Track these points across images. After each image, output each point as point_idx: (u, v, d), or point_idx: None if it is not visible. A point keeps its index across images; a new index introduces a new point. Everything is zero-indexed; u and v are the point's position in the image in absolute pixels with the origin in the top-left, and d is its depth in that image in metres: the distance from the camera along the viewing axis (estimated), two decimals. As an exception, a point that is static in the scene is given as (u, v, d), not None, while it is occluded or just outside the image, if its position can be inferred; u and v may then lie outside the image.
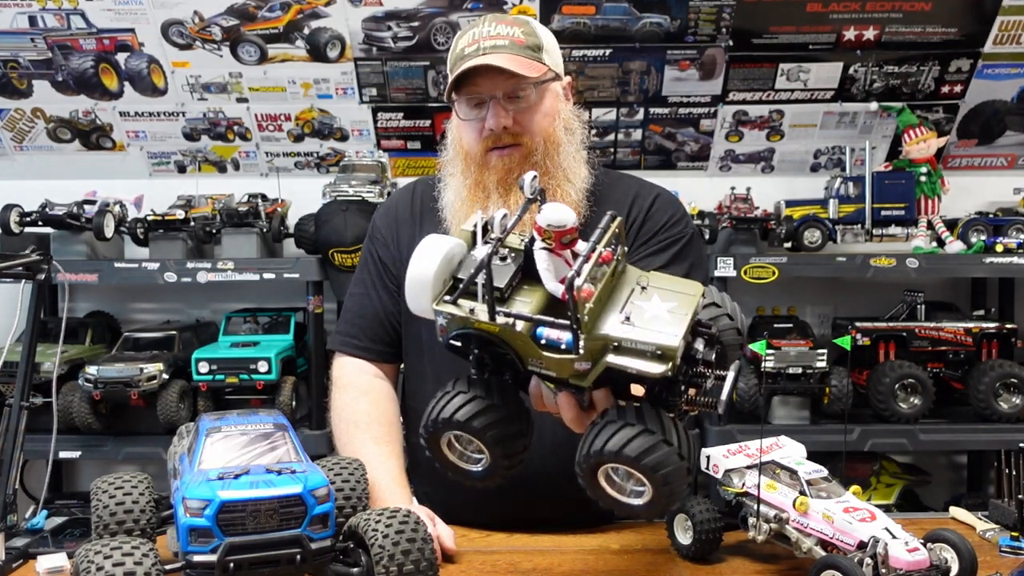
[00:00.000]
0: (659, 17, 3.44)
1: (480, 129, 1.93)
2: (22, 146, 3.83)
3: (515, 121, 1.90)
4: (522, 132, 1.92)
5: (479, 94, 1.90)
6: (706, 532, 1.60)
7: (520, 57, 1.86)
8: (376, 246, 2.13)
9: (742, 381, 3.24)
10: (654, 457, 1.17)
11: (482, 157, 1.93)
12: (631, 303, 1.25)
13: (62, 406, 3.10)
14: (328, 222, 3.26)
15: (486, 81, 1.88)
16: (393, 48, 3.51)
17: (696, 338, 1.26)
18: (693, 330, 1.25)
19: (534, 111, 1.92)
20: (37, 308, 1.84)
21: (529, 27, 1.93)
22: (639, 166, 3.87)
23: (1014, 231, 3.33)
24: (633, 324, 1.21)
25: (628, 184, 2.10)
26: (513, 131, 1.91)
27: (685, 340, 1.20)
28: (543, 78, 1.91)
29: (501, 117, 1.89)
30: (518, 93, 1.90)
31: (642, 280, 1.29)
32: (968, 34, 3.50)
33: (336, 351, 2.13)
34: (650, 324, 1.21)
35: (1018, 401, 3.21)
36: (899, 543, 1.36)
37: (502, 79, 1.87)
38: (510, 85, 1.88)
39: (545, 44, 1.94)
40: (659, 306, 1.23)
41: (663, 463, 1.17)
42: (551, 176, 1.92)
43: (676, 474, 1.18)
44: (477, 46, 1.88)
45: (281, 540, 1.24)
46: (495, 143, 1.92)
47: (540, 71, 1.90)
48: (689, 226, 2.07)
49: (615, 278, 1.29)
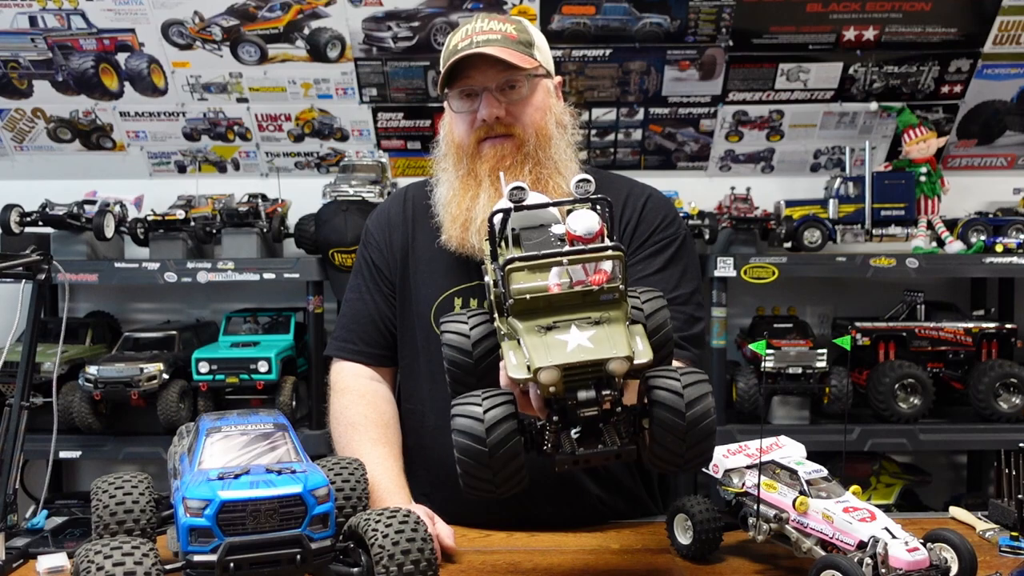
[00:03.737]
0: (659, 17, 3.44)
1: (472, 121, 1.94)
2: (22, 146, 3.83)
3: (507, 112, 1.92)
4: (514, 123, 1.93)
5: (471, 86, 1.92)
6: (706, 532, 1.60)
7: (511, 50, 1.88)
8: (370, 251, 2.14)
9: (742, 381, 3.23)
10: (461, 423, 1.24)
11: (474, 147, 1.95)
12: (568, 325, 1.26)
13: (62, 406, 3.10)
14: (328, 222, 3.26)
15: (479, 73, 1.90)
16: (393, 48, 3.51)
17: (588, 388, 1.24)
18: (597, 381, 1.24)
19: (526, 103, 1.94)
20: (37, 308, 1.84)
21: (521, 24, 1.97)
22: (639, 166, 3.87)
23: (1014, 231, 3.33)
24: (542, 335, 1.25)
25: (620, 185, 2.11)
26: (506, 121, 1.92)
27: (559, 375, 1.21)
28: (535, 71, 1.93)
29: (494, 107, 1.90)
30: (511, 84, 1.92)
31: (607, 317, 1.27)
32: (968, 34, 3.50)
33: (333, 356, 2.13)
34: (549, 343, 1.23)
35: (1018, 401, 3.21)
36: (899, 543, 1.36)
37: (494, 71, 1.89)
38: (503, 77, 1.90)
39: (536, 42, 1.97)
40: (577, 337, 1.24)
41: (464, 448, 1.24)
42: (542, 167, 1.93)
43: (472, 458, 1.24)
44: (470, 40, 1.90)
45: (281, 540, 1.24)
46: (487, 133, 1.93)
47: (532, 64, 1.91)
48: (682, 227, 2.08)
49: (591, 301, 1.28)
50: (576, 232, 1.27)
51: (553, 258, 1.26)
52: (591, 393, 1.23)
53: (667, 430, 1.24)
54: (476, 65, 1.89)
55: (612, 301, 1.28)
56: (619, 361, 1.21)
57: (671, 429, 1.24)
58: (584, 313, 1.27)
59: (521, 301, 1.27)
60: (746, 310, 3.67)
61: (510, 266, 1.26)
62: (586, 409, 1.24)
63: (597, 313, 1.27)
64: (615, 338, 1.23)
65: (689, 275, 2.02)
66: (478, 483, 1.26)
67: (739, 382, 3.25)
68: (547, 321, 1.26)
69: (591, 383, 1.24)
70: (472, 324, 1.38)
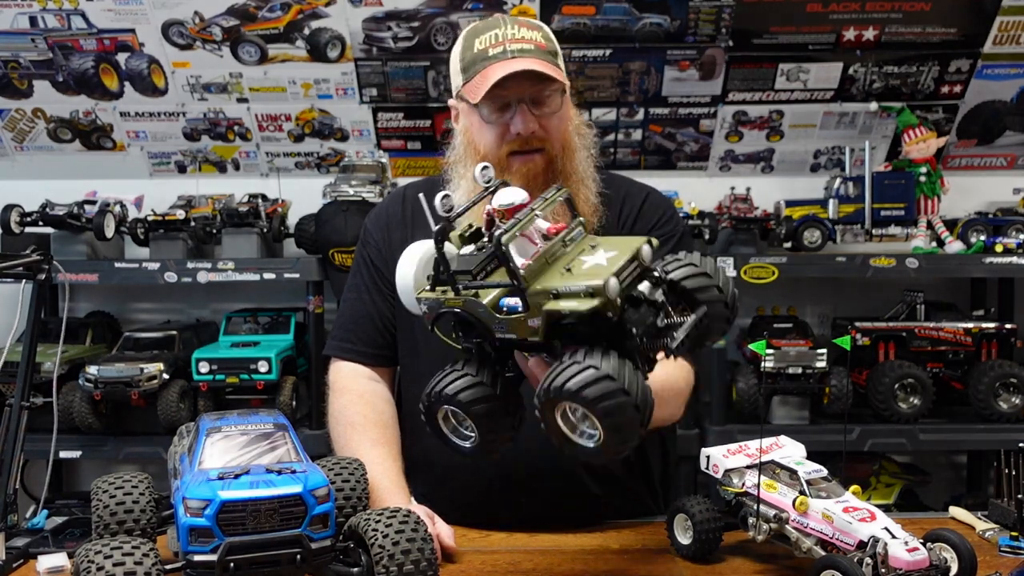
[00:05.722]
0: (659, 17, 3.44)
1: (503, 132, 1.90)
2: (23, 146, 3.84)
3: (540, 126, 1.90)
4: (546, 137, 1.91)
5: (504, 97, 1.88)
6: (706, 532, 1.60)
7: (546, 62, 1.86)
8: (369, 250, 2.13)
9: (742, 381, 3.24)
10: (594, 389, 1.18)
11: (504, 160, 1.91)
12: (576, 259, 1.31)
13: (62, 406, 3.10)
14: (328, 222, 3.26)
15: (515, 84, 1.85)
16: (393, 48, 3.51)
17: (642, 281, 1.30)
18: (641, 275, 1.30)
19: (557, 117, 1.92)
20: (37, 308, 1.84)
21: (546, 32, 1.94)
22: (639, 166, 3.88)
23: (1014, 231, 3.33)
24: (572, 273, 1.27)
25: (618, 184, 2.11)
26: (539, 135, 1.90)
27: (622, 281, 1.24)
28: (565, 85, 1.92)
29: (530, 122, 1.87)
30: (542, 98, 1.89)
31: (594, 241, 1.36)
32: (968, 34, 3.50)
33: (332, 356, 2.13)
34: (587, 271, 1.27)
35: (1018, 401, 3.21)
36: (899, 543, 1.36)
37: (528, 83, 1.85)
38: (537, 90, 1.87)
39: (559, 51, 1.95)
40: (600, 256, 1.29)
41: (604, 396, 1.18)
42: (570, 180, 1.92)
43: (619, 409, 1.18)
44: (503, 48, 1.85)
45: (281, 540, 1.24)
46: (520, 147, 1.90)
47: (562, 76, 1.90)
48: (680, 223, 2.09)
49: (568, 245, 1.36)
50: (515, 203, 1.36)
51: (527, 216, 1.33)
52: (647, 283, 1.29)
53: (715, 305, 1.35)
54: (511, 75, 1.84)
55: (582, 235, 1.38)
56: (646, 246, 1.30)
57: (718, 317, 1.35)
58: (576, 252, 1.34)
59: (529, 268, 1.28)
60: (746, 310, 3.67)
61: (504, 236, 1.27)
62: (655, 295, 1.29)
63: (583, 244, 1.35)
64: (619, 241, 1.32)
65: None
66: (631, 438, 1.24)
67: (739, 382, 3.25)
68: (560, 266, 1.30)
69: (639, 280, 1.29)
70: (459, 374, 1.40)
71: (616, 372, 1.19)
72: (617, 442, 1.22)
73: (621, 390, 1.18)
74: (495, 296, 1.33)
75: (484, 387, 1.37)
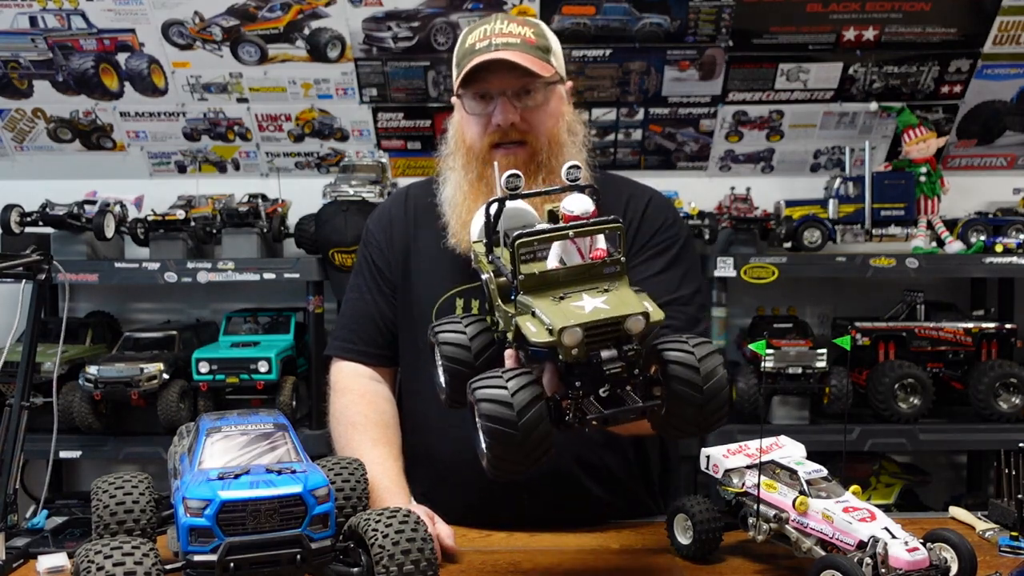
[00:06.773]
0: (659, 17, 3.44)
1: (486, 124, 1.93)
2: (22, 146, 3.83)
3: (523, 118, 1.90)
4: (528, 130, 1.92)
5: (487, 89, 1.90)
6: (706, 532, 1.60)
7: (531, 56, 1.87)
8: (371, 250, 2.14)
9: (742, 381, 3.23)
10: (491, 408, 1.23)
11: (486, 153, 1.93)
12: (576, 294, 1.30)
13: (62, 406, 3.10)
14: (328, 222, 3.26)
15: (496, 77, 1.88)
16: (393, 48, 3.51)
17: (613, 345, 1.26)
18: (618, 339, 1.26)
19: (541, 110, 1.92)
20: (37, 308, 1.84)
21: (539, 29, 1.94)
22: (639, 166, 3.88)
23: (1014, 231, 3.33)
24: (558, 304, 1.27)
25: (621, 186, 2.11)
26: (520, 128, 1.91)
27: (587, 337, 1.23)
28: (552, 79, 1.92)
29: (510, 113, 1.89)
30: (527, 91, 1.90)
31: (607, 285, 1.32)
32: (968, 34, 3.50)
33: (333, 356, 2.13)
34: (567, 310, 1.26)
35: (1018, 401, 3.21)
36: (899, 543, 1.36)
37: (512, 76, 1.87)
38: (520, 83, 1.89)
39: (553, 47, 1.95)
40: (592, 302, 1.28)
41: (494, 418, 1.22)
42: (555, 176, 1.92)
43: (504, 438, 1.22)
44: (488, 42, 1.87)
45: (281, 540, 1.24)
46: (501, 139, 1.92)
47: (549, 71, 1.90)
48: (683, 229, 2.08)
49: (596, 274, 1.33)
50: (573, 212, 1.32)
51: (558, 232, 1.31)
52: (613, 351, 1.25)
53: (686, 402, 1.28)
54: (493, 68, 1.86)
55: (615, 274, 1.33)
56: (636, 318, 1.25)
57: (689, 401, 1.28)
58: (591, 284, 1.31)
59: (531, 277, 1.29)
60: (746, 310, 3.67)
61: (519, 240, 1.28)
62: (611, 366, 1.25)
63: (604, 284, 1.31)
64: (628, 299, 1.28)
65: (691, 276, 2.02)
66: (510, 466, 1.27)
67: (739, 382, 3.24)
68: (559, 292, 1.30)
69: (611, 343, 1.26)
70: (467, 324, 1.43)
71: (521, 405, 1.22)
72: (493, 463, 1.27)
73: (513, 422, 1.21)
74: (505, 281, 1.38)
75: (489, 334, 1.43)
